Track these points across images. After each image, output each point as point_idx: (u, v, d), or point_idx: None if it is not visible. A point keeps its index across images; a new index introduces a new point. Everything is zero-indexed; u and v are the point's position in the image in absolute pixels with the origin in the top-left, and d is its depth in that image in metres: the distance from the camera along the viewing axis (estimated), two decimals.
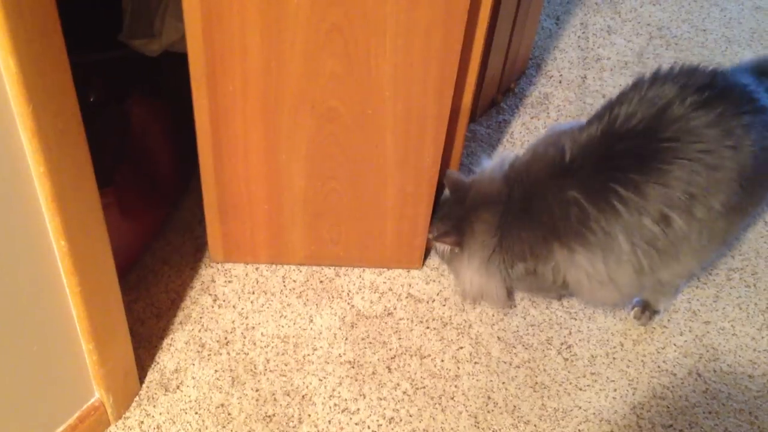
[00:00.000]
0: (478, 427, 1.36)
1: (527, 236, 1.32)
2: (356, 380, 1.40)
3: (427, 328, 1.49)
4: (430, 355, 1.45)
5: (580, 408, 1.40)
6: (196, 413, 1.33)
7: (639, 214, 1.21)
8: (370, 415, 1.36)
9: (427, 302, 1.53)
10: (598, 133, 1.24)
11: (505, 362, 1.45)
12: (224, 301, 1.50)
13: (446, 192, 1.45)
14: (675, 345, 1.51)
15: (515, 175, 1.35)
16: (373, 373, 1.41)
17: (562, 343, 1.49)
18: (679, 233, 1.22)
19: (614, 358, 1.47)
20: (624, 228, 1.23)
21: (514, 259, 1.35)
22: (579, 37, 2.20)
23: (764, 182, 1.27)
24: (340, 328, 1.47)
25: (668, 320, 1.54)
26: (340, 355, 1.43)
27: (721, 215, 1.22)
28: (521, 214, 1.32)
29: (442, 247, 1.43)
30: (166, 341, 1.43)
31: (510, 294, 1.50)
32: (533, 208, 1.30)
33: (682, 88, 1.19)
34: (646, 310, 1.52)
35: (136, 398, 1.34)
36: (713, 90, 1.19)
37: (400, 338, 1.47)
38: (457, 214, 1.40)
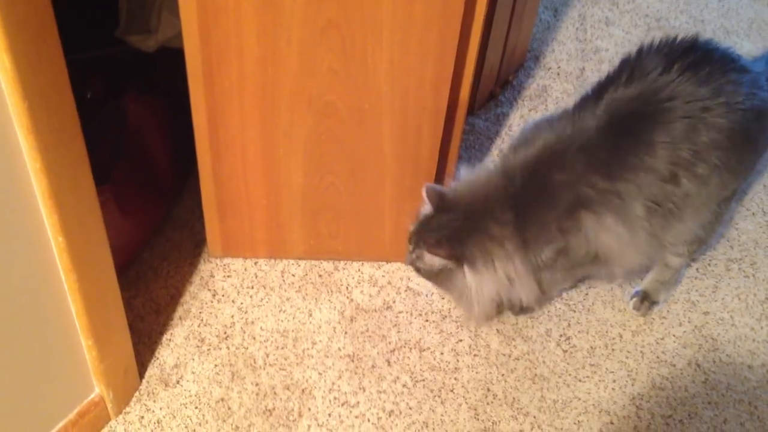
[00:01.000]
0: (478, 419, 1.36)
1: (551, 216, 1.27)
2: (356, 374, 1.41)
3: (426, 321, 1.50)
4: (429, 348, 1.45)
5: (579, 399, 1.40)
6: (196, 408, 1.34)
7: (652, 174, 1.23)
8: (370, 408, 1.36)
9: (426, 295, 1.54)
10: (599, 108, 1.24)
11: (504, 354, 1.46)
12: (223, 296, 1.50)
13: (426, 207, 1.33)
14: (674, 336, 1.51)
15: (512, 169, 1.29)
16: (373, 366, 1.42)
17: (561, 335, 1.49)
18: (685, 191, 1.24)
19: (613, 350, 1.48)
20: (640, 189, 1.23)
21: (542, 246, 1.28)
22: (577, 28, 2.20)
23: (753, 141, 1.29)
24: (339, 322, 1.48)
25: (667, 311, 1.55)
26: (339, 349, 1.44)
27: (718, 171, 1.25)
28: (535, 200, 1.27)
29: (434, 263, 1.29)
30: (166, 336, 1.43)
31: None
32: (548, 188, 1.26)
33: (666, 55, 1.24)
34: (645, 301, 1.52)
35: (136, 393, 1.35)
36: (696, 53, 1.24)
37: (399, 331, 1.47)
38: (452, 224, 1.28)
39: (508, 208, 1.27)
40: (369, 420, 1.35)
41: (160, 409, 1.33)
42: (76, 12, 1.26)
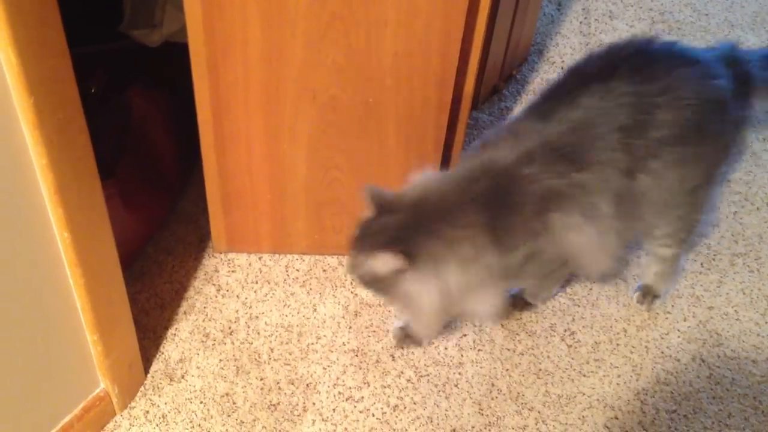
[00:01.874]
0: (482, 414, 1.36)
1: (519, 218, 1.20)
2: (360, 368, 1.41)
3: None
4: (433, 343, 1.45)
5: (584, 394, 1.40)
6: (201, 402, 1.34)
7: (612, 167, 1.22)
8: (375, 402, 1.36)
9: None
10: (554, 113, 1.21)
11: (508, 349, 1.46)
12: (228, 290, 1.50)
13: (368, 211, 1.22)
14: (679, 330, 1.51)
15: (474, 171, 1.21)
16: (377, 361, 1.42)
17: (565, 330, 1.49)
18: (643, 187, 1.24)
19: (618, 344, 1.48)
20: (604, 182, 1.22)
21: (510, 250, 1.21)
22: (581, 22, 2.19)
23: (712, 132, 1.28)
24: (343, 317, 1.48)
25: (672, 306, 1.55)
26: (344, 344, 1.44)
27: (674, 166, 1.25)
28: (501, 201, 1.19)
29: (377, 269, 1.16)
30: (171, 331, 1.43)
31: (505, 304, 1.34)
32: (515, 186, 1.19)
33: (611, 60, 1.23)
34: (648, 295, 1.52)
35: (141, 388, 1.35)
36: (639, 54, 1.24)
37: None
38: (395, 225, 1.17)
39: (470, 211, 1.18)
40: (373, 415, 1.35)
41: (165, 403, 1.34)
42: (80, 6, 1.26)
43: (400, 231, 1.17)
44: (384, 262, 1.15)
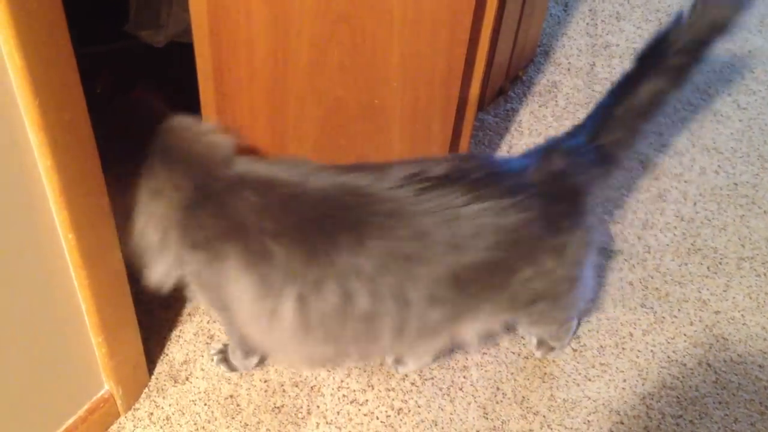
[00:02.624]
0: (487, 418, 1.36)
1: (211, 223, 1.12)
2: (365, 371, 1.40)
3: None
4: None
5: (589, 398, 1.39)
6: (205, 404, 1.34)
7: (329, 277, 1.08)
8: (379, 406, 1.36)
9: None
10: (339, 176, 1.14)
11: (513, 353, 1.45)
12: None
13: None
14: (685, 335, 1.50)
15: (231, 162, 1.17)
16: (382, 363, 1.41)
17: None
18: (359, 311, 1.10)
19: (623, 349, 1.47)
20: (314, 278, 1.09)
21: (193, 245, 1.13)
22: (588, 23, 2.18)
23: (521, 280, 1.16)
24: None
25: (678, 310, 1.54)
26: None
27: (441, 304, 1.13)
28: (220, 197, 1.12)
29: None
30: (175, 333, 1.43)
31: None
32: (238, 195, 1.12)
33: (461, 171, 1.12)
34: (543, 346, 1.43)
35: (146, 390, 1.35)
36: (490, 177, 1.12)
37: None
38: (137, 138, 1.16)
39: (193, 184, 1.13)
40: (378, 418, 1.34)
41: (170, 405, 1.33)
42: (85, 7, 1.26)
43: (128, 143, 1.16)
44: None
